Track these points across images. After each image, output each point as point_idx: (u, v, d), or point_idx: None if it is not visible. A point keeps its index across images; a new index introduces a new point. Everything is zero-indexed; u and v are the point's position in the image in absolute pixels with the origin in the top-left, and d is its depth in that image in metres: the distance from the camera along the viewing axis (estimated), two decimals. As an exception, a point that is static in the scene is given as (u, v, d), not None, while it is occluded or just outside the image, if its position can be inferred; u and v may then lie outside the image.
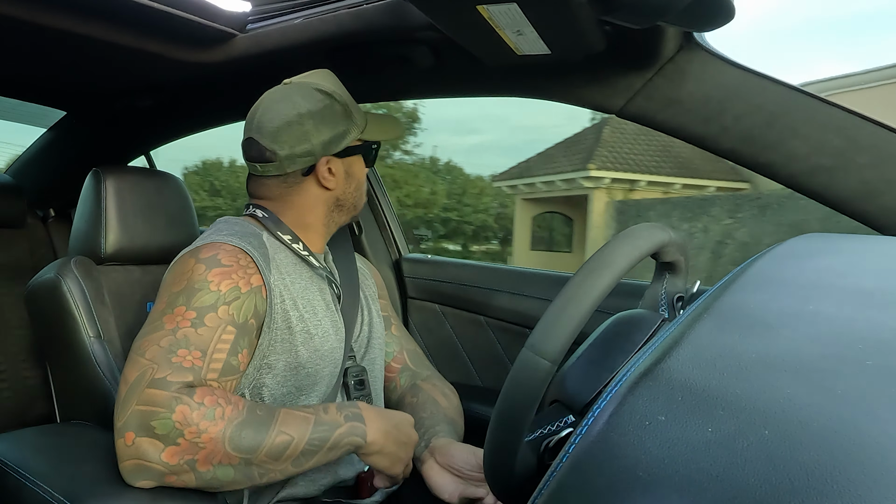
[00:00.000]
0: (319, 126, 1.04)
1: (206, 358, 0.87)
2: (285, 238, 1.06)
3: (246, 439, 0.82)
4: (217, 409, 0.82)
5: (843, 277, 0.60)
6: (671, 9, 0.79)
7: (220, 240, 0.98)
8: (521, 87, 1.24)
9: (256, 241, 1.02)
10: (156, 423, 0.81)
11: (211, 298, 0.91)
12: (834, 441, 0.38)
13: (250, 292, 0.94)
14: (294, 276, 1.04)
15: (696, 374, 0.46)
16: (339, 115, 1.06)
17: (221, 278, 0.93)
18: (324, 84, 1.06)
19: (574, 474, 0.45)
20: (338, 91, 1.07)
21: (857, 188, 0.94)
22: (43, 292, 1.23)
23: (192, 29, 1.18)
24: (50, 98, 1.73)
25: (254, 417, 0.84)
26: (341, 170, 1.08)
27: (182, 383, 0.83)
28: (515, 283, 1.47)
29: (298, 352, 0.98)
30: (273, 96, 1.07)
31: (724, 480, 0.38)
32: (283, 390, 0.98)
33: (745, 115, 0.99)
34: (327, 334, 1.03)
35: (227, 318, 0.91)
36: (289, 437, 0.84)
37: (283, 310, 0.99)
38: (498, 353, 1.47)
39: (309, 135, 1.04)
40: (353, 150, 1.09)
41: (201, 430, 0.80)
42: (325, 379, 1.02)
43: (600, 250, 0.58)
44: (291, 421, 0.85)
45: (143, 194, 1.31)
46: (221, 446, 0.81)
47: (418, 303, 1.57)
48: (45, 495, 0.90)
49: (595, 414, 0.47)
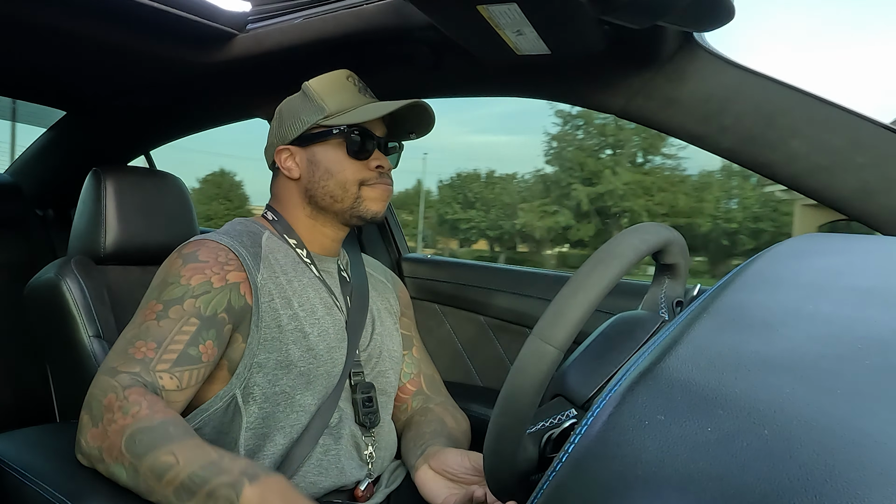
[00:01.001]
0: (283, 119, 1.10)
1: (160, 349, 0.90)
2: (290, 241, 1.08)
3: (139, 444, 0.81)
4: (134, 408, 0.84)
5: (842, 277, 0.60)
6: (671, 9, 0.79)
7: (209, 237, 1.01)
8: (521, 87, 1.24)
9: (251, 239, 1.03)
10: (94, 404, 0.87)
11: (179, 292, 0.94)
12: (833, 440, 0.38)
13: (224, 288, 0.96)
14: (293, 275, 1.04)
15: (696, 373, 0.46)
16: (302, 104, 1.08)
17: (193, 272, 0.96)
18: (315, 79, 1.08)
19: (573, 474, 0.45)
20: (315, 82, 1.08)
21: (856, 188, 0.94)
22: (42, 292, 1.23)
23: (192, 29, 1.18)
24: (50, 98, 1.73)
25: (160, 429, 0.82)
26: (304, 157, 1.08)
27: (127, 373, 0.87)
28: (515, 283, 1.47)
29: (289, 350, 0.98)
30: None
31: (724, 480, 0.38)
32: (276, 389, 0.98)
33: (745, 114, 0.99)
34: (325, 334, 1.03)
35: (192, 311, 0.93)
36: (174, 459, 0.79)
37: (272, 308, 0.99)
38: (498, 353, 1.47)
39: (275, 128, 1.11)
40: (315, 136, 1.06)
41: (114, 419, 0.83)
42: (320, 379, 1.01)
43: (609, 242, 0.58)
44: (190, 449, 0.81)
45: (143, 194, 1.31)
46: (119, 442, 0.82)
47: (418, 303, 1.57)
48: (45, 495, 0.90)
49: (595, 413, 0.47)
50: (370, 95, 1.11)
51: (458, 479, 0.97)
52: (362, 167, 1.06)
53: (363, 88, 1.10)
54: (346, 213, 1.08)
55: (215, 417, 0.98)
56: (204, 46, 1.26)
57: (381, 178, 1.08)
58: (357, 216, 1.08)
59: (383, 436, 1.10)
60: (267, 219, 1.11)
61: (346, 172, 1.06)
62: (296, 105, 1.09)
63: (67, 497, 0.87)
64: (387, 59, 1.27)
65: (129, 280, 1.33)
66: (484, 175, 21.32)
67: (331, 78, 1.08)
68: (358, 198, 1.07)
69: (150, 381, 0.88)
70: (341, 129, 1.05)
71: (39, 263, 1.40)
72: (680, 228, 0.79)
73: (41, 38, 1.22)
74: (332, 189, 1.06)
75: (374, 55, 1.26)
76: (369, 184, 1.07)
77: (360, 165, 1.06)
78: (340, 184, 1.06)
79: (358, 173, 1.06)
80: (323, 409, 1.01)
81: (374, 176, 1.07)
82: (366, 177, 1.06)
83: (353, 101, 1.07)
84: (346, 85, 1.08)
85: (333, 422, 1.02)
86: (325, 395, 1.02)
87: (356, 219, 1.08)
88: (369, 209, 1.07)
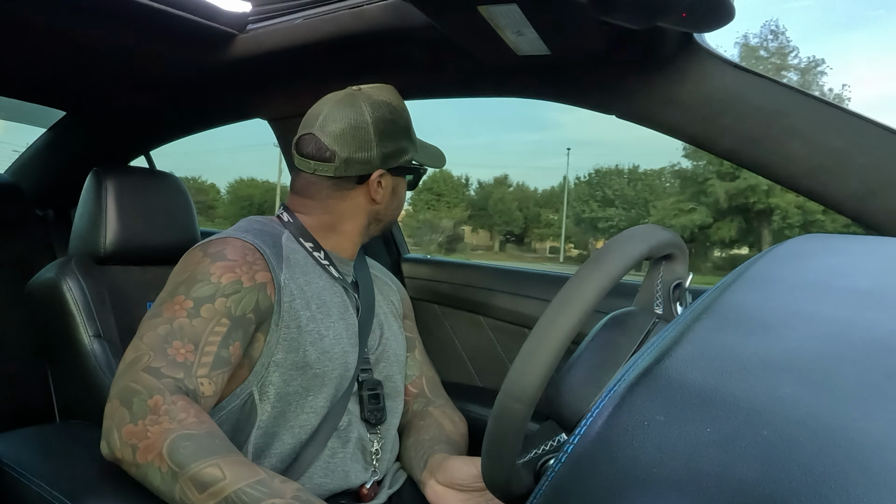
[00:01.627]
0: (383, 138, 1.05)
1: (198, 351, 0.89)
2: (307, 245, 1.07)
3: (182, 451, 0.80)
4: (182, 414, 0.83)
5: (842, 278, 0.60)
6: (671, 9, 0.79)
7: (233, 235, 1.00)
8: (521, 88, 1.24)
9: (272, 240, 1.02)
10: (135, 400, 0.84)
11: (210, 290, 0.92)
12: (833, 441, 0.38)
13: (253, 288, 0.94)
14: (311, 277, 1.04)
15: (695, 374, 0.46)
16: (401, 132, 1.08)
17: (223, 271, 0.94)
18: (392, 99, 1.08)
19: (573, 474, 0.45)
20: (403, 109, 1.09)
21: (856, 189, 0.94)
22: (43, 292, 1.23)
23: (192, 29, 1.18)
24: (50, 98, 1.73)
25: (206, 440, 0.81)
26: (390, 185, 1.09)
27: (172, 378, 0.86)
28: (515, 284, 1.47)
29: (307, 351, 0.98)
30: (340, 99, 1.06)
31: (723, 480, 0.38)
32: (290, 389, 0.98)
33: (745, 115, 1.00)
34: (339, 337, 1.03)
35: (223, 310, 0.91)
36: (221, 474, 0.78)
37: (293, 308, 0.98)
38: (497, 353, 1.47)
39: (372, 144, 1.04)
40: (405, 169, 1.12)
41: (158, 421, 0.82)
42: (333, 381, 1.02)
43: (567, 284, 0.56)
44: (237, 464, 0.80)
45: (143, 194, 1.32)
46: (160, 444, 0.80)
47: (418, 303, 1.57)
48: (45, 495, 0.90)
49: (594, 414, 0.47)
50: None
51: (468, 488, 0.98)
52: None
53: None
54: (383, 232, 1.19)
55: (233, 415, 0.98)
56: (204, 47, 1.26)
57: None
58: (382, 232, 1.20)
59: (390, 435, 1.10)
60: (282, 220, 1.09)
61: (403, 203, 1.18)
62: (393, 131, 1.06)
63: (67, 497, 0.87)
64: (387, 59, 1.27)
65: (129, 280, 1.33)
66: (626, 170, 20.40)
67: (402, 100, 1.12)
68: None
69: (192, 388, 0.88)
70: (421, 168, 1.15)
71: (39, 263, 1.41)
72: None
73: (42, 38, 1.22)
74: (392, 217, 1.16)
75: (374, 56, 1.26)
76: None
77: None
78: (398, 213, 1.18)
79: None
80: (333, 411, 1.01)
81: None
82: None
83: (413, 136, 1.14)
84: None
85: (343, 424, 1.02)
86: (336, 397, 1.02)
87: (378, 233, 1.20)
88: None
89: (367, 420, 1.06)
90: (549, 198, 41.20)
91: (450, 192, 41.09)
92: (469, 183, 43.57)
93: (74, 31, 1.16)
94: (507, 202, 39.86)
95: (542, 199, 41.33)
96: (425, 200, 40.35)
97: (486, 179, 46.29)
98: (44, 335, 1.31)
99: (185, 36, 1.21)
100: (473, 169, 45.56)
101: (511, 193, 41.69)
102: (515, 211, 38.89)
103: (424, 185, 41.76)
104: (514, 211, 38.81)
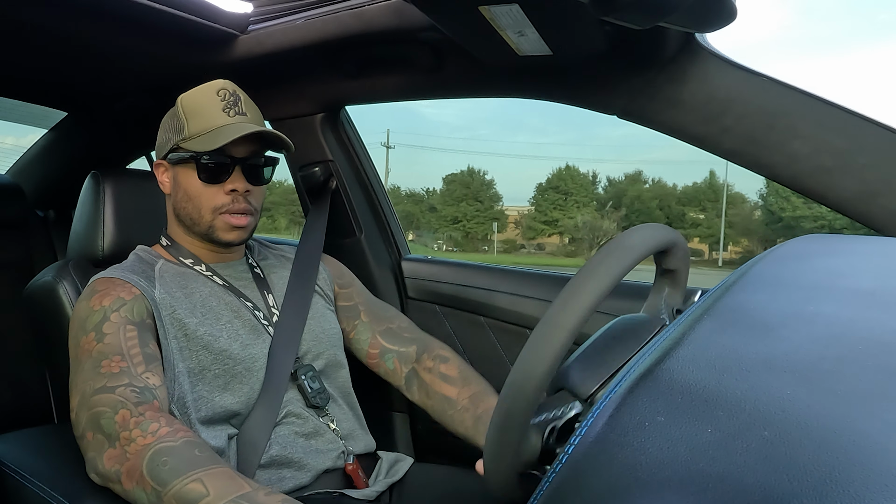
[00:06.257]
0: (162, 133, 1.10)
1: (126, 356, 0.91)
2: (187, 262, 1.09)
3: (162, 468, 0.79)
4: (153, 424, 0.83)
5: (843, 278, 0.60)
6: (673, 9, 0.79)
7: (95, 278, 1.03)
8: (523, 88, 1.24)
9: (142, 267, 1.05)
10: (103, 422, 0.85)
11: (99, 315, 0.95)
12: (834, 442, 0.38)
13: (134, 298, 0.98)
14: (195, 286, 1.05)
15: (696, 374, 0.46)
16: (170, 116, 1.09)
17: (101, 298, 0.97)
18: (184, 97, 1.07)
19: (574, 475, 0.44)
20: (187, 97, 1.06)
21: (857, 189, 0.94)
22: (40, 295, 1.23)
23: (193, 30, 1.18)
24: (51, 99, 1.73)
25: (185, 452, 0.81)
26: (172, 176, 1.09)
27: (122, 385, 0.87)
28: (515, 284, 1.47)
29: (199, 356, 1.00)
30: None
31: (724, 481, 0.37)
32: (203, 393, 0.99)
33: (747, 116, 0.99)
34: (236, 335, 1.03)
35: (123, 321, 0.95)
36: (204, 490, 0.77)
37: (176, 318, 1.00)
38: (498, 353, 1.46)
39: (161, 142, 1.10)
40: (180, 158, 1.05)
41: (132, 437, 0.82)
42: (241, 376, 1.02)
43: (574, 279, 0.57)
44: (220, 477, 0.79)
45: (142, 197, 1.31)
46: (141, 464, 0.80)
47: (418, 303, 1.57)
48: (44, 495, 0.90)
49: (595, 414, 0.47)
50: (239, 112, 1.05)
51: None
52: (217, 192, 1.04)
53: (233, 104, 1.05)
54: (204, 237, 1.07)
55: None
56: (206, 47, 1.26)
57: (234, 203, 1.04)
58: (215, 242, 1.07)
59: (343, 409, 1.13)
60: (162, 245, 1.12)
61: (200, 198, 1.04)
62: (168, 118, 1.09)
63: (66, 498, 0.87)
64: (388, 60, 1.27)
65: (129, 281, 1.33)
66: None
67: (201, 93, 1.05)
68: (211, 226, 1.05)
69: (142, 385, 0.89)
70: (192, 154, 1.02)
71: (40, 264, 1.41)
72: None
73: (43, 39, 1.22)
74: (190, 212, 1.06)
75: (375, 56, 1.26)
76: (222, 211, 1.04)
77: (215, 190, 1.04)
78: (196, 209, 1.05)
79: (212, 200, 1.04)
80: (266, 405, 1.02)
81: (227, 202, 1.04)
82: (219, 203, 1.04)
83: (214, 122, 1.03)
84: (214, 101, 1.04)
85: (291, 415, 1.04)
86: (251, 391, 1.02)
87: (216, 244, 1.08)
88: (222, 238, 1.06)
89: (314, 406, 1.08)
90: (693, 194, 38.95)
91: (578, 191, 39.12)
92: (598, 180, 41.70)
93: (77, 32, 1.16)
94: (646, 200, 37.78)
95: (685, 197, 39.12)
96: (551, 200, 38.71)
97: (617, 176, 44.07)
98: (42, 337, 1.30)
99: (187, 37, 1.21)
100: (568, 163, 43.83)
101: (648, 191, 39.67)
102: (656, 210, 37.03)
103: (549, 184, 40.27)
104: (655, 210, 36.98)
